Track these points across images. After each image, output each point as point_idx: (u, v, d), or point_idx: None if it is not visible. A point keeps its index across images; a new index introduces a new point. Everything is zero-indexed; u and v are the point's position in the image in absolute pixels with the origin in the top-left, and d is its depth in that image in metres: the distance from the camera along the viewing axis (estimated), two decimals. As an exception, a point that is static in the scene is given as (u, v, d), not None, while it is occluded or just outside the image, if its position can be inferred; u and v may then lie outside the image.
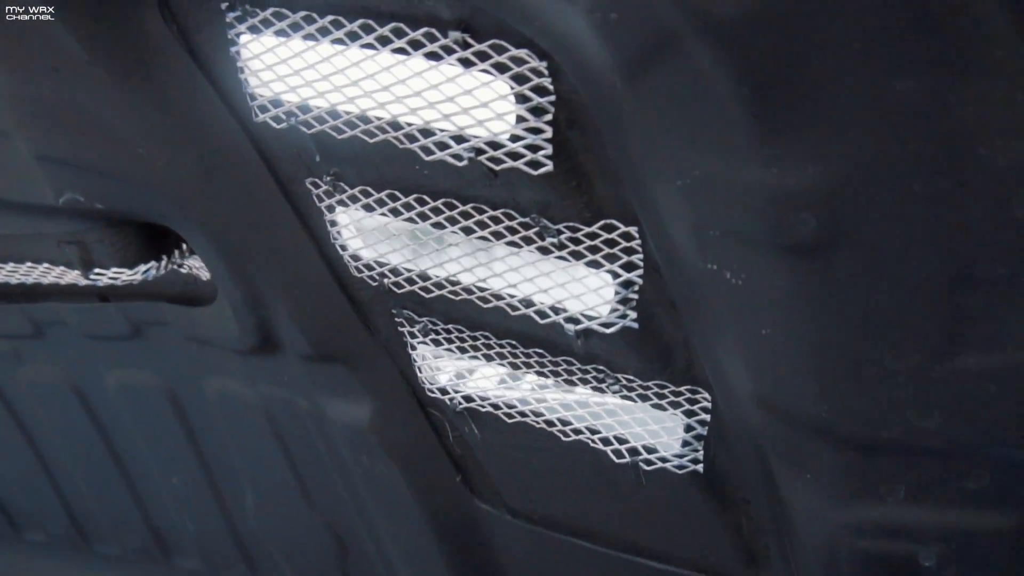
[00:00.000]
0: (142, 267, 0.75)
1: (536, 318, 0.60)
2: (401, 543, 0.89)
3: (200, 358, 0.90)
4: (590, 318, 0.58)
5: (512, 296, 0.60)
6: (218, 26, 0.58)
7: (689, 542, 0.72)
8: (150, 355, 0.94)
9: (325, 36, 0.55)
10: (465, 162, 0.53)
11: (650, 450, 0.65)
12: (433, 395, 0.72)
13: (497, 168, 0.53)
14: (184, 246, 0.79)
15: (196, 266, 0.81)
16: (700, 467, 0.64)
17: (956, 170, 0.37)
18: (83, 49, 0.58)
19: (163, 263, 0.77)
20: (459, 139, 0.53)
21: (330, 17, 0.53)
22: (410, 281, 0.64)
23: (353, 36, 0.53)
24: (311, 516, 0.97)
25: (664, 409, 0.63)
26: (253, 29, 0.57)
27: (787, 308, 0.45)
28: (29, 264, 0.82)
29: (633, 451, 0.65)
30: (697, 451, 0.64)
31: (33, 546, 1.33)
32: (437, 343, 0.70)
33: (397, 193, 0.60)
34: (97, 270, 0.76)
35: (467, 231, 0.59)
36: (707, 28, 0.36)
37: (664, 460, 0.65)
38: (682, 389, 0.61)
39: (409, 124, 0.54)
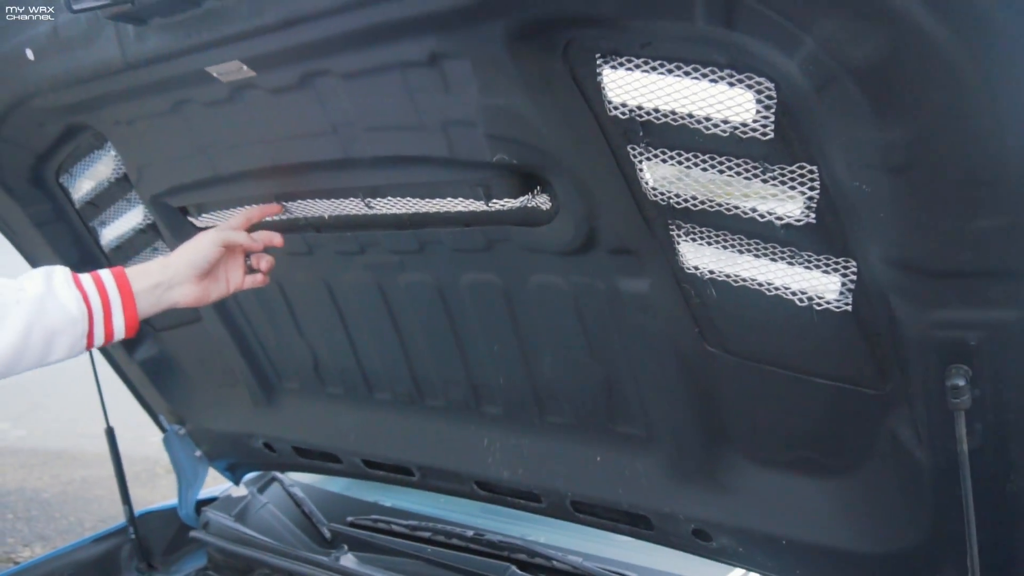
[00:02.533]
0: (520, 198, 1.33)
1: (758, 219, 1.11)
2: (655, 378, 1.42)
3: (529, 261, 1.46)
4: (790, 217, 1.08)
5: (745, 207, 1.12)
6: (591, 64, 1.13)
7: (843, 364, 1.20)
8: (494, 261, 1.51)
9: (649, 68, 1.08)
10: (728, 133, 1.05)
11: (820, 297, 1.14)
12: (689, 272, 1.25)
13: (744, 137, 1.04)
14: (537, 187, 1.35)
15: (540, 202, 1.37)
16: (850, 308, 1.13)
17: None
18: (524, 81, 1.15)
19: (527, 196, 1.34)
20: (725, 120, 1.05)
21: (653, 61, 1.06)
22: (685, 200, 1.17)
23: (661, 67, 1.06)
24: (592, 367, 1.52)
25: (829, 274, 1.12)
26: (612, 66, 1.11)
27: (888, 201, 0.94)
28: (448, 199, 1.41)
29: (810, 299, 1.15)
30: (847, 299, 1.12)
31: (379, 402, 1.96)
32: (693, 240, 1.22)
33: (682, 151, 1.13)
34: (494, 200, 1.35)
35: (720, 172, 1.11)
36: (852, 76, 0.86)
37: (828, 303, 1.14)
38: (840, 260, 1.10)
39: (696, 113, 1.07)
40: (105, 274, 1.33)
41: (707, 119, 1.06)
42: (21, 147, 1.87)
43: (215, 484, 2.66)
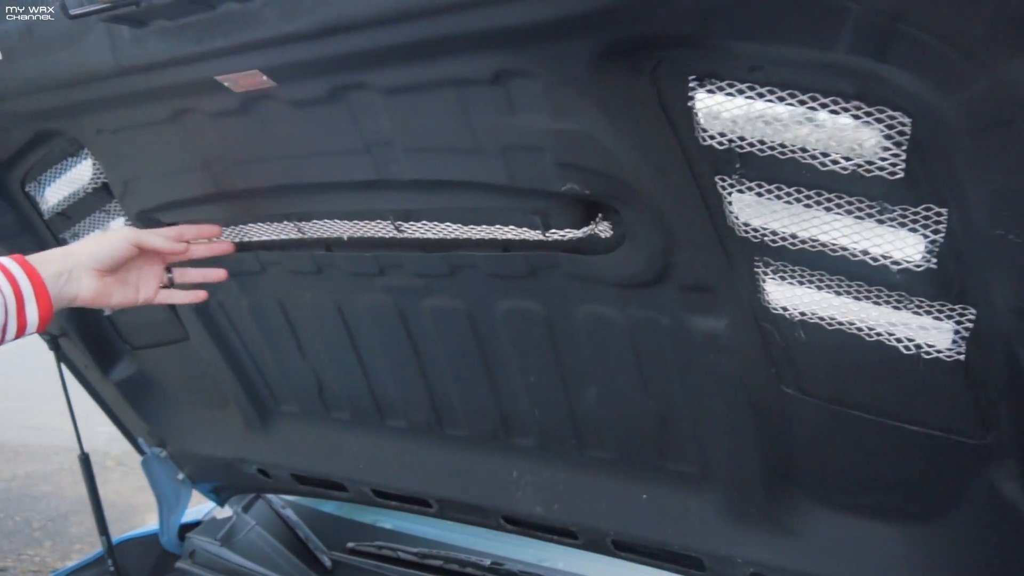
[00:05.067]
0: (583, 228, 1.20)
1: (869, 261, 1.00)
2: (718, 417, 1.32)
3: (578, 291, 1.33)
4: (909, 262, 0.98)
5: (855, 248, 1.01)
6: (682, 87, 1.00)
7: (941, 412, 1.11)
8: (537, 289, 1.38)
9: (755, 95, 0.95)
10: (849, 171, 0.93)
11: (930, 345, 1.04)
12: (776, 312, 1.14)
13: (867, 176, 0.93)
14: (599, 216, 1.22)
15: (600, 229, 1.24)
16: (962, 357, 1.03)
17: None
18: (603, 104, 1.01)
19: (590, 226, 1.21)
20: (847, 158, 0.93)
21: (761, 87, 0.94)
22: (783, 239, 1.05)
23: (770, 93, 0.94)
24: (643, 402, 1.40)
25: (941, 321, 1.02)
26: (709, 90, 0.99)
27: None
28: (498, 226, 1.27)
29: (918, 346, 1.05)
30: (960, 348, 1.03)
31: (393, 430, 1.82)
32: (783, 279, 1.11)
33: (784, 186, 1.01)
34: (552, 230, 1.21)
35: (827, 210, 1.00)
36: None
37: (939, 352, 1.04)
38: (956, 307, 1.00)
39: (811, 148, 0.95)
40: (6, 260, 1.17)
41: (823, 154, 0.95)
42: (-18, 154, 1.66)
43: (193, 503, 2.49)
